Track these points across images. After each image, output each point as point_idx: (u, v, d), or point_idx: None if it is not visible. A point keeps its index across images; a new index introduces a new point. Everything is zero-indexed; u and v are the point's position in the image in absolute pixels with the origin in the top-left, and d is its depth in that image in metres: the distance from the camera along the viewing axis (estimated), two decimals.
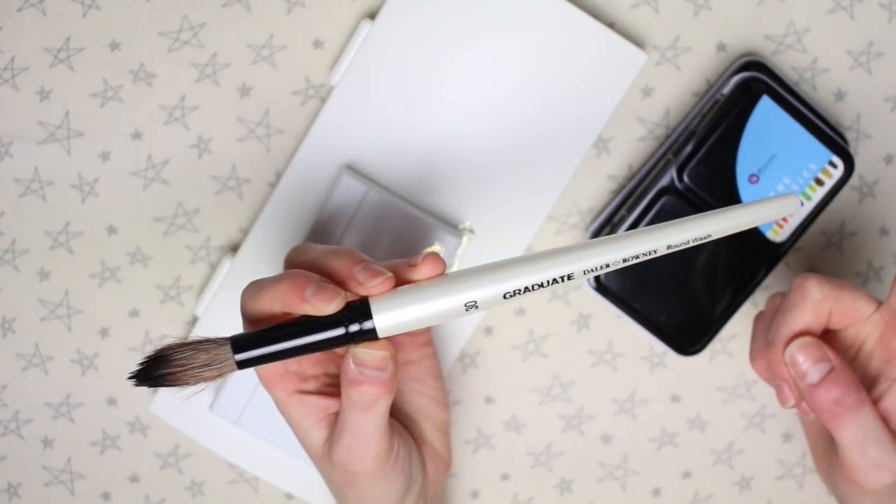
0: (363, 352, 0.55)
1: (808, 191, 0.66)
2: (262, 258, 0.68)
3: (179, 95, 0.68)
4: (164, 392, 0.70)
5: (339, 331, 0.55)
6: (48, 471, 0.71)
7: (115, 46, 0.67)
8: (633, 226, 0.66)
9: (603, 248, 0.54)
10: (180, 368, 0.55)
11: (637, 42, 0.68)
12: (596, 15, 0.67)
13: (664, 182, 0.66)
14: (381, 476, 0.59)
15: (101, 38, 0.67)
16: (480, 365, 0.71)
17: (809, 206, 0.66)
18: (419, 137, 0.67)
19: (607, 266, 0.54)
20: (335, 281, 0.55)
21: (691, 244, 0.54)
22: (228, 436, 0.70)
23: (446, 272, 0.56)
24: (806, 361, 0.59)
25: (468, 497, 0.72)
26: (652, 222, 0.66)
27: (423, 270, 0.55)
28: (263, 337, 0.55)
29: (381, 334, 0.55)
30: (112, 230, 0.69)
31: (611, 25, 0.68)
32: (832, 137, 0.65)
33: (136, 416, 0.71)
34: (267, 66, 0.68)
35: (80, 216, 0.69)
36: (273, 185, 0.69)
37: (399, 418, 0.64)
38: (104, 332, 0.70)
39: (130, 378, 0.55)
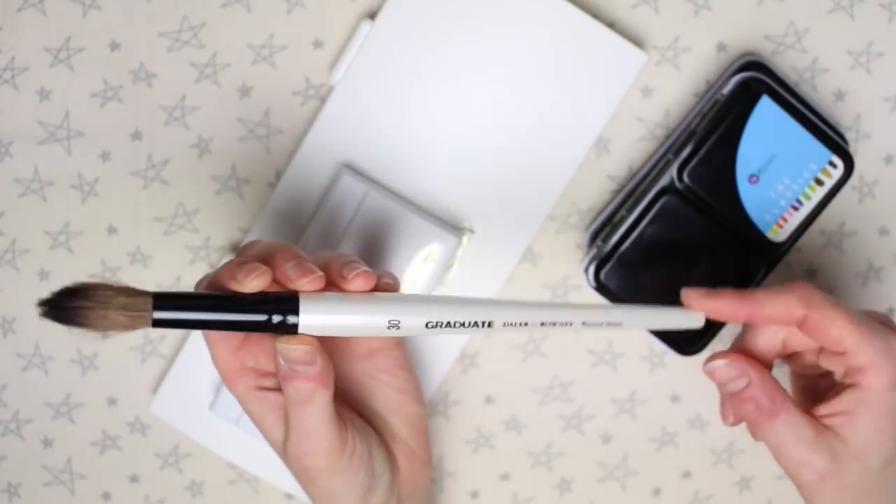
0: (285, 347, 0.56)
1: (808, 191, 0.66)
2: None
3: (179, 95, 0.68)
4: (164, 392, 0.70)
5: (262, 317, 0.55)
6: (48, 471, 0.71)
7: (115, 46, 0.67)
8: (633, 226, 0.66)
9: (525, 309, 0.59)
10: (95, 305, 0.54)
11: (637, 42, 0.68)
12: (596, 15, 0.67)
13: (664, 182, 0.66)
14: (337, 471, 0.59)
15: (101, 38, 0.67)
16: (480, 365, 0.71)
17: (809, 206, 0.66)
18: (419, 137, 0.67)
19: (525, 324, 0.59)
20: (274, 276, 0.56)
21: (604, 326, 0.60)
22: (228, 436, 0.70)
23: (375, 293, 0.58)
24: (724, 377, 0.62)
25: (468, 497, 0.72)
26: (652, 222, 0.66)
27: (354, 284, 0.57)
28: (187, 301, 0.55)
29: (301, 331, 0.56)
30: (112, 230, 0.69)
31: (611, 25, 0.68)
32: (832, 137, 0.66)
33: (136, 416, 0.71)
34: (267, 66, 0.68)
35: (81, 216, 0.69)
36: (273, 185, 0.69)
37: (365, 413, 0.64)
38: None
39: (40, 305, 0.54)
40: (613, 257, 0.66)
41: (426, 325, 0.58)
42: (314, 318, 0.56)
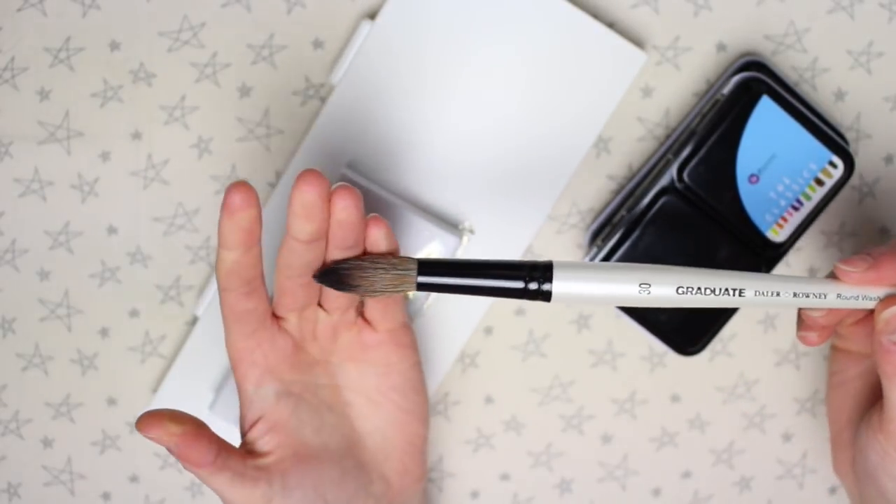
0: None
1: (808, 191, 0.66)
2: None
3: (179, 95, 0.68)
4: (164, 392, 0.70)
5: (518, 283, 0.58)
6: (48, 471, 0.71)
7: (115, 46, 0.67)
8: (633, 226, 0.66)
9: (778, 280, 0.58)
10: (367, 266, 0.58)
11: (637, 42, 0.68)
12: (596, 15, 0.67)
13: (664, 182, 0.66)
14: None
15: (101, 38, 0.67)
16: (480, 365, 0.71)
17: (810, 206, 0.66)
18: (419, 137, 0.67)
19: (777, 294, 0.58)
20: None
21: (859, 300, 0.59)
22: (228, 436, 0.70)
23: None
24: None
25: (468, 497, 0.72)
26: (652, 222, 0.66)
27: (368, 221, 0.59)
28: (446, 268, 0.58)
29: (555, 299, 0.58)
30: (112, 230, 0.69)
31: (611, 25, 0.68)
32: (832, 137, 0.66)
33: (136, 416, 0.71)
34: (267, 66, 0.68)
35: (80, 216, 0.69)
36: (273, 185, 0.69)
37: (366, 426, 0.64)
38: (104, 332, 0.70)
39: (319, 276, 0.59)
40: (613, 257, 0.66)
41: (677, 291, 0.58)
42: (567, 284, 0.58)
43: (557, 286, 0.58)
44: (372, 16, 0.67)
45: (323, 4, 0.67)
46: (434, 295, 0.68)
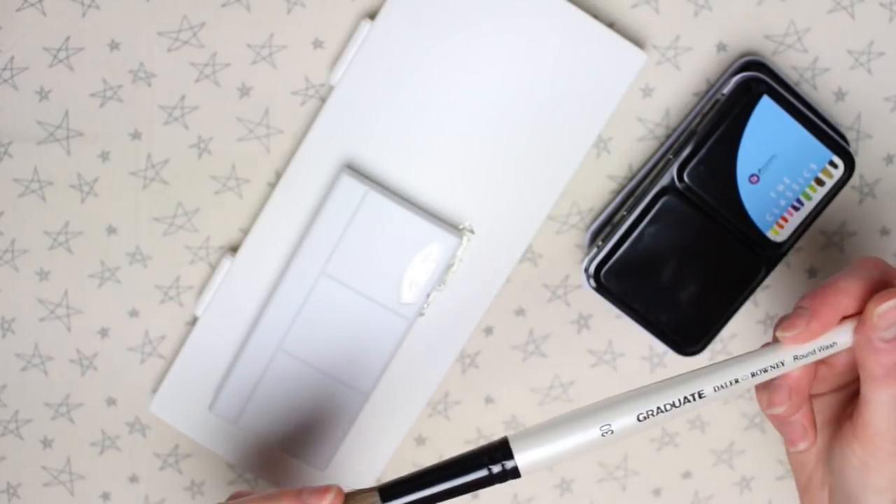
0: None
1: (808, 191, 0.66)
2: (261, 258, 0.68)
3: (179, 95, 0.68)
4: (163, 392, 0.70)
5: (482, 472, 0.58)
6: (47, 471, 0.71)
7: (114, 46, 0.67)
8: (633, 226, 0.66)
9: (730, 367, 0.58)
10: None
11: (637, 42, 0.67)
12: (596, 15, 0.67)
13: (664, 182, 0.66)
14: None
15: (100, 38, 0.67)
16: (480, 365, 0.71)
17: (810, 206, 0.66)
18: (419, 137, 0.67)
19: (736, 381, 0.58)
20: None
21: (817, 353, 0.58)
22: (228, 436, 0.70)
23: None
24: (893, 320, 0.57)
25: (468, 497, 0.72)
26: (652, 222, 0.66)
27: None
28: (410, 484, 0.58)
29: (523, 472, 0.58)
30: (111, 230, 0.69)
31: (611, 25, 0.68)
32: (833, 137, 0.65)
33: (135, 416, 0.71)
34: (267, 66, 0.68)
35: (80, 216, 0.69)
36: (273, 185, 0.69)
37: None
38: (104, 333, 0.70)
39: None
40: (613, 257, 0.66)
41: (638, 419, 0.57)
42: (530, 453, 0.57)
43: (521, 459, 0.57)
44: (372, 16, 0.67)
45: (323, 4, 0.67)
46: (434, 295, 0.68)
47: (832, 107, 0.69)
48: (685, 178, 0.66)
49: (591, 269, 0.67)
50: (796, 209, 0.66)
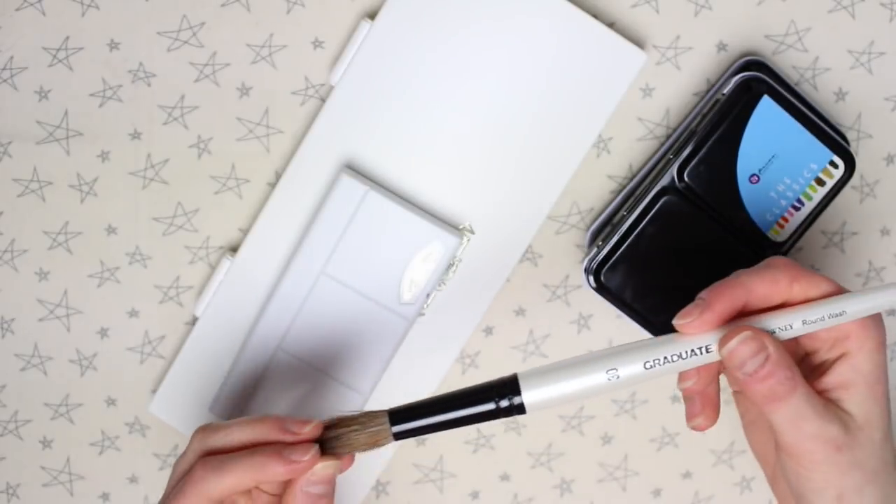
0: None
1: (808, 191, 0.66)
2: (261, 258, 0.68)
3: (178, 95, 0.68)
4: (163, 392, 0.70)
5: (490, 405, 0.58)
6: (47, 471, 0.71)
7: (114, 46, 0.67)
8: (634, 226, 0.66)
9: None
10: (341, 433, 0.60)
11: (637, 42, 0.67)
12: (596, 15, 0.67)
13: (664, 182, 0.66)
14: None
15: (100, 38, 0.67)
16: (480, 365, 0.71)
17: (810, 206, 0.66)
18: (419, 137, 0.67)
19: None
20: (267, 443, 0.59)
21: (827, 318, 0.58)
22: None
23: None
24: (744, 355, 0.58)
25: (468, 497, 0.72)
26: (652, 222, 0.66)
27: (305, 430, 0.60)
28: (418, 410, 0.59)
29: (529, 409, 0.58)
30: (111, 230, 0.69)
31: (611, 25, 0.68)
32: (833, 137, 0.65)
33: (135, 416, 0.71)
34: (267, 66, 0.68)
35: (79, 216, 0.69)
36: (273, 185, 0.69)
37: None
38: (103, 333, 0.70)
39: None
40: (613, 257, 0.66)
41: (645, 367, 0.58)
42: (537, 392, 0.58)
43: (528, 396, 0.58)
44: (372, 16, 0.67)
45: (323, 4, 0.67)
46: (434, 295, 0.68)
47: (832, 107, 0.69)
48: (685, 178, 0.65)
49: (591, 269, 0.67)
50: (797, 209, 0.66)
